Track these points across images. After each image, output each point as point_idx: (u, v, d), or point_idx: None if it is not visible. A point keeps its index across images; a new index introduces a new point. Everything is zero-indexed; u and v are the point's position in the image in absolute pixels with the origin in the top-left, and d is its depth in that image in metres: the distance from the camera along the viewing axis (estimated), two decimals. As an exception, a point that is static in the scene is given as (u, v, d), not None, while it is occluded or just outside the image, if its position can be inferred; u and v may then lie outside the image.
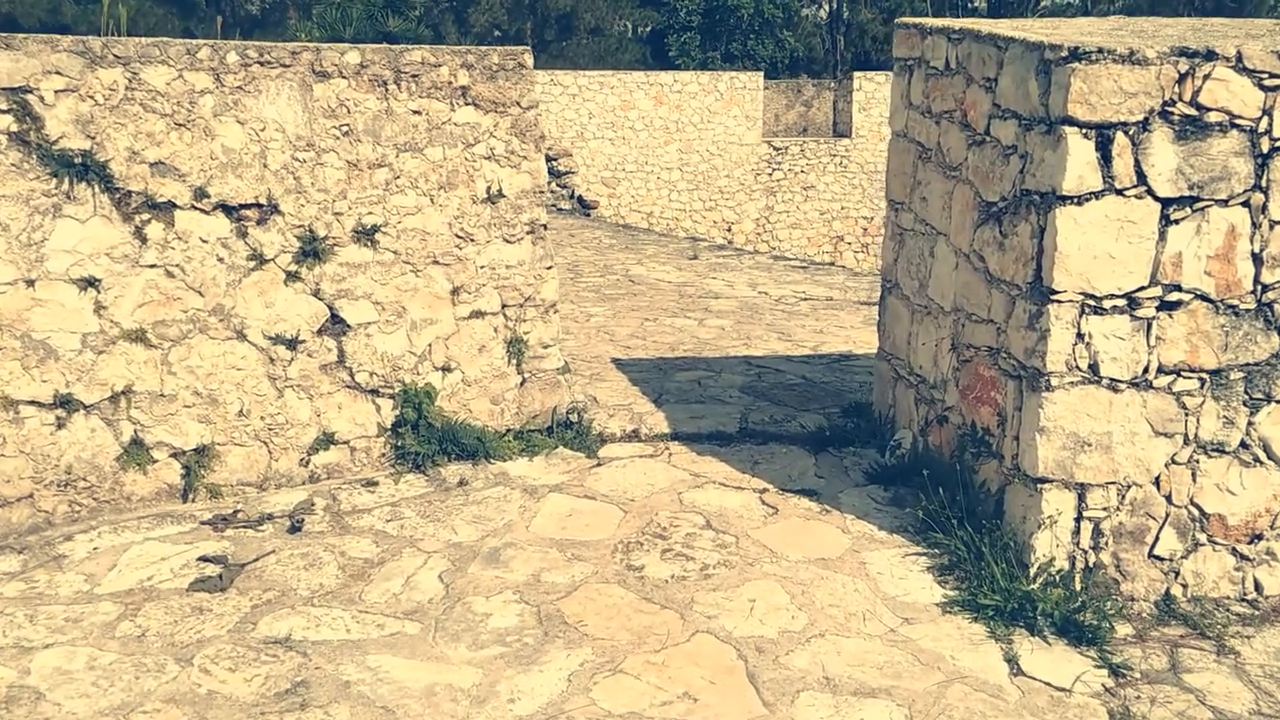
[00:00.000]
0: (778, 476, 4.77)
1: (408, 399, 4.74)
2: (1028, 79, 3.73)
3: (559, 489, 4.62)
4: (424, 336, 4.78)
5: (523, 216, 4.94)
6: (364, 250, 4.61)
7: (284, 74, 4.36)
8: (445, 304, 4.82)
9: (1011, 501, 3.91)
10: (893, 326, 5.06)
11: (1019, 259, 3.81)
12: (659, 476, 4.76)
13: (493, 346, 4.96)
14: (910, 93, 4.80)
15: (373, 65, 4.52)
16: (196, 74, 4.22)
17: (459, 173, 4.76)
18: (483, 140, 4.79)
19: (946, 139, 4.41)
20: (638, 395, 5.78)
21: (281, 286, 4.46)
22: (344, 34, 17.94)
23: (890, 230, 5.06)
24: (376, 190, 4.60)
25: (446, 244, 4.78)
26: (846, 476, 4.78)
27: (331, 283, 4.56)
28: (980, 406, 4.15)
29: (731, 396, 5.76)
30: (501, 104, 4.81)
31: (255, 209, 4.38)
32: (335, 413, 4.65)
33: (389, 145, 4.59)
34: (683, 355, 6.72)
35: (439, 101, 4.67)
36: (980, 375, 4.15)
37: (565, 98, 22.00)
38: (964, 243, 4.25)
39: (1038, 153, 3.69)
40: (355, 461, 4.72)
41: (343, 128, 4.49)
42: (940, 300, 4.49)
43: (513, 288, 4.96)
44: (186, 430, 4.37)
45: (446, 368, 4.86)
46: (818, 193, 24.22)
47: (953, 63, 4.36)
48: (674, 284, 9.62)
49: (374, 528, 4.23)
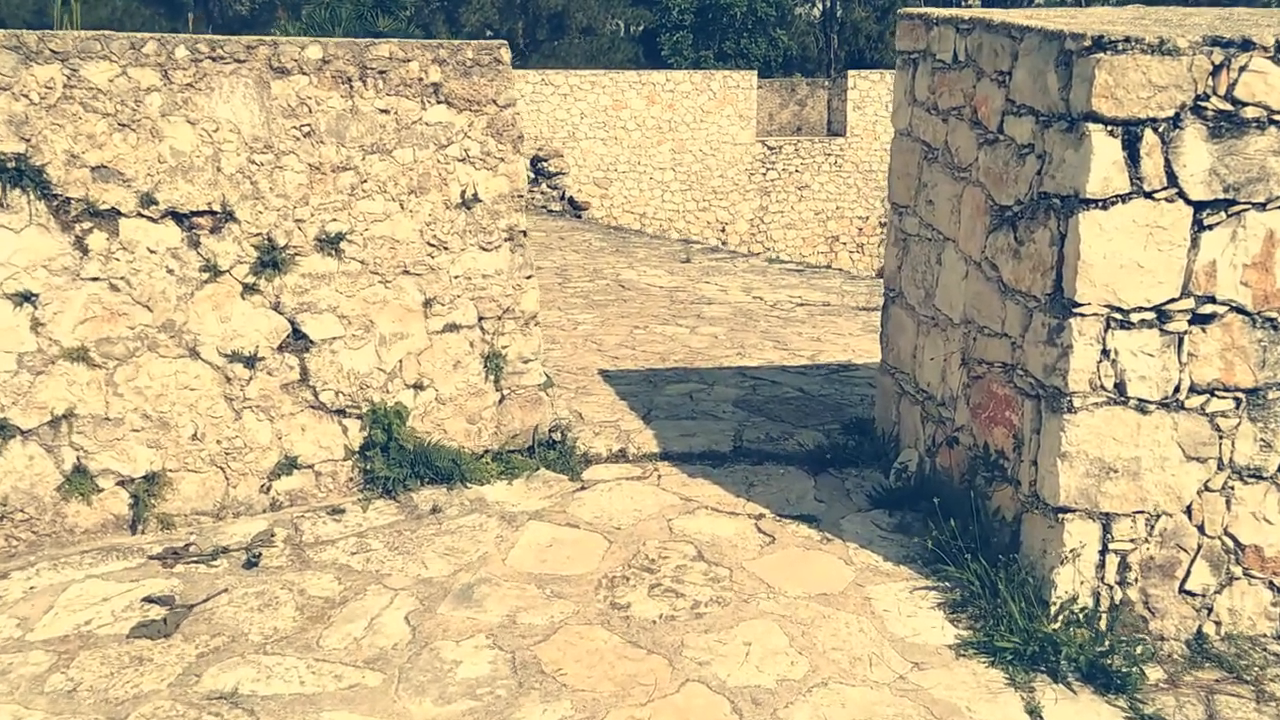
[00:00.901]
0: (775, 500, 4.45)
1: (377, 419, 4.41)
2: (1046, 72, 3.42)
3: (539, 516, 4.29)
4: (394, 352, 4.45)
5: (500, 223, 4.61)
6: (328, 260, 4.28)
7: (239, 70, 4.03)
8: (417, 317, 4.49)
9: (1029, 532, 3.59)
10: (896, 338, 4.74)
11: (1037, 268, 3.49)
12: (647, 501, 4.43)
13: (469, 362, 4.63)
14: (914, 88, 4.48)
15: (336, 60, 4.18)
16: (142, 70, 3.89)
17: (431, 176, 4.43)
18: (456, 141, 4.46)
19: (955, 138, 4.09)
20: (625, 410, 5.45)
21: (238, 300, 4.13)
22: (334, 34, 17.61)
23: (893, 235, 4.74)
24: (341, 195, 4.27)
25: (418, 253, 4.45)
26: (848, 500, 4.46)
27: (293, 295, 4.23)
28: (994, 427, 3.83)
29: (725, 411, 5.44)
30: (477, 102, 4.48)
31: (208, 216, 4.05)
32: (298, 435, 4.32)
33: (354, 147, 4.26)
34: (674, 366, 6.40)
35: (409, 100, 4.34)
36: (993, 393, 3.83)
37: (557, 97, 21.74)
38: (975, 250, 3.93)
39: (1058, 152, 3.37)
40: (320, 487, 4.38)
41: (304, 128, 4.16)
42: (948, 311, 4.17)
43: (490, 299, 4.64)
44: (135, 456, 4.04)
45: (419, 385, 4.53)
46: (812, 192, 24.01)
47: (961, 55, 4.04)
48: (665, 289, 9.29)
49: (337, 561, 3.90)
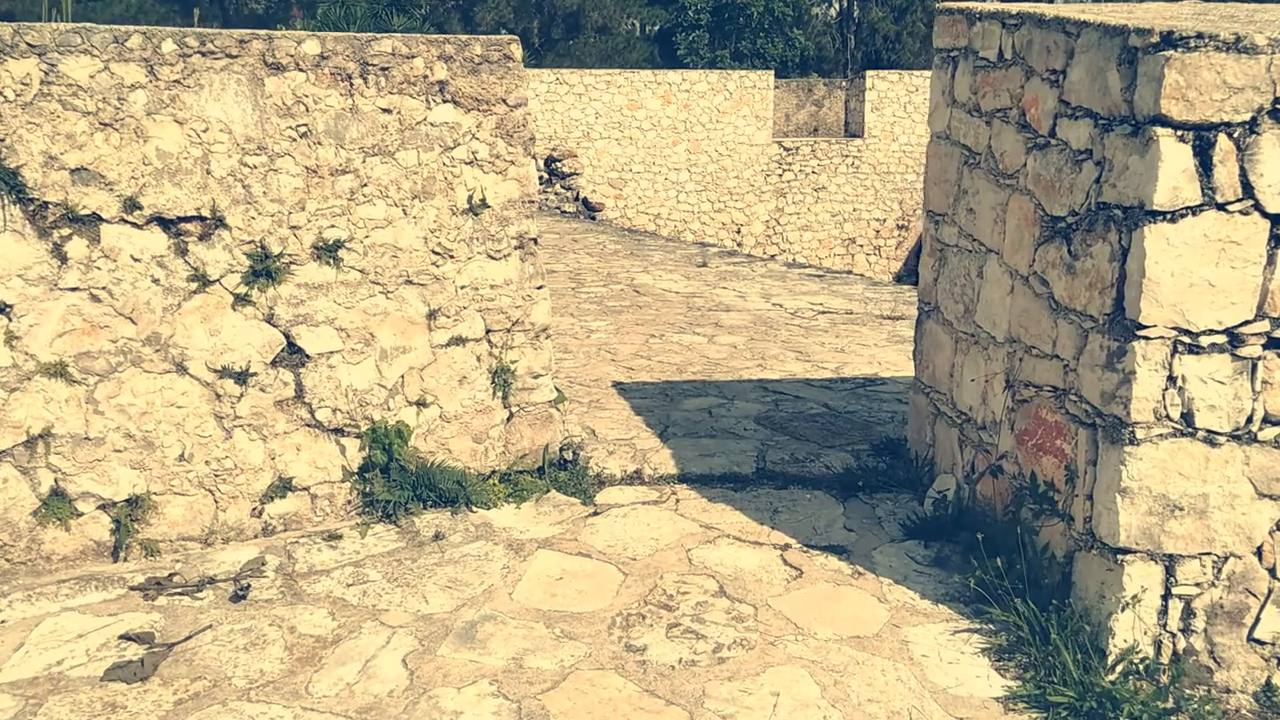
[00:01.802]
0: (801, 529, 4.15)
1: (376, 439, 4.14)
2: (1107, 70, 3.11)
3: (549, 544, 4.00)
4: (395, 367, 4.18)
5: (510, 229, 4.33)
6: (325, 269, 4.00)
7: (230, 66, 3.76)
8: (420, 330, 4.21)
9: (1084, 573, 3.28)
10: (932, 355, 4.44)
11: (1094, 285, 3.19)
12: (665, 529, 4.14)
13: (475, 377, 4.35)
14: (954, 88, 4.17)
15: (335, 56, 3.91)
16: (126, 66, 3.62)
17: (436, 180, 4.15)
18: (464, 143, 4.18)
19: (1000, 142, 3.79)
20: (641, 427, 5.16)
21: (228, 311, 3.86)
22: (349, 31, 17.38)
23: (929, 245, 4.44)
24: (340, 200, 3.99)
25: (422, 261, 4.17)
26: (880, 529, 4.16)
27: (287, 306, 3.95)
28: (1042, 456, 3.53)
29: (746, 429, 5.14)
30: (485, 101, 4.20)
31: (197, 222, 3.78)
32: (293, 455, 4.04)
33: (354, 148, 3.99)
34: (691, 378, 6.11)
35: (413, 98, 4.07)
36: (1042, 419, 3.53)
37: (571, 97, 21.50)
38: (1021, 263, 3.63)
39: (1120, 159, 3.07)
40: (316, 511, 4.11)
41: (300, 128, 3.89)
42: (991, 329, 3.87)
43: (498, 310, 4.35)
44: (117, 479, 3.77)
45: (421, 402, 4.25)
46: (829, 194, 23.71)
47: (1008, 53, 3.74)
48: (682, 295, 9.00)
49: (332, 594, 3.62)
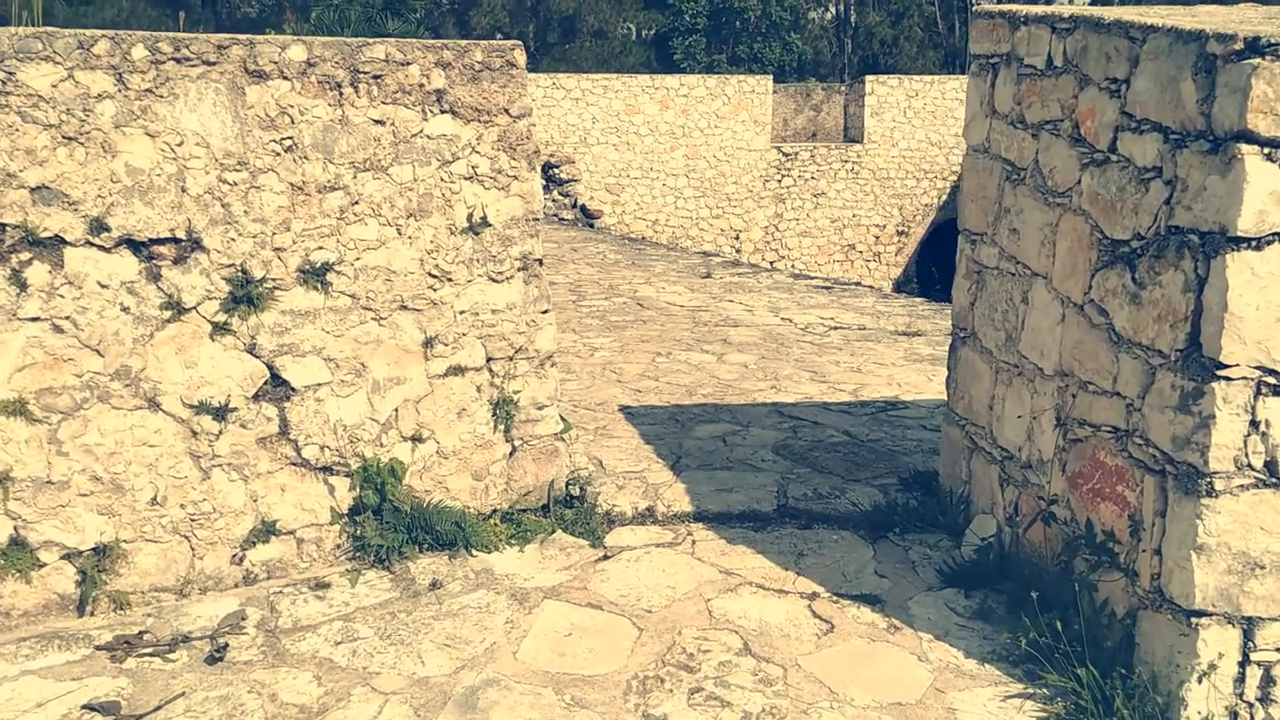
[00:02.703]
0: (829, 575, 3.83)
1: (368, 478, 3.81)
2: (1180, 80, 2.80)
3: (556, 594, 3.68)
4: (389, 400, 3.85)
5: (512, 250, 4.01)
6: (312, 294, 3.68)
7: (208, 74, 3.44)
8: (416, 359, 3.88)
9: (1151, 635, 2.96)
10: (968, 385, 4.12)
11: (1164, 317, 2.87)
12: (681, 575, 3.82)
13: (475, 409, 4.02)
14: (994, 98, 3.86)
15: (322, 63, 3.59)
16: (92, 74, 3.29)
17: (433, 197, 3.83)
18: (463, 156, 3.86)
19: (1049, 157, 3.48)
20: (651, 458, 4.84)
21: (206, 342, 3.53)
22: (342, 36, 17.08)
23: (965, 266, 4.13)
24: (329, 219, 3.67)
25: (417, 285, 3.85)
26: (915, 575, 3.84)
27: (271, 336, 3.63)
28: (1100, 502, 3.21)
29: (764, 460, 4.82)
30: (486, 111, 3.88)
31: (171, 245, 3.45)
32: (277, 497, 3.71)
33: (344, 163, 3.67)
34: (702, 402, 5.79)
35: (407, 109, 3.74)
36: (1100, 462, 3.21)
37: (568, 102, 21.21)
38: (1075, 290, 3.31)
39: (1195, 178, 2.75)
40: (303, 556, 3.78)
41: (285, 141, 3.56)
42: (1038, 360, 3.56)
43: (500, 337, 4.03)
44: (83, 525, 3.44)
45: (417, 437, 3.92)
46: (828, 200, 23.46)
47: (1058, 60, 3.43)
48: (687, 308, 8.68)
49: (318, 654, 3.29)
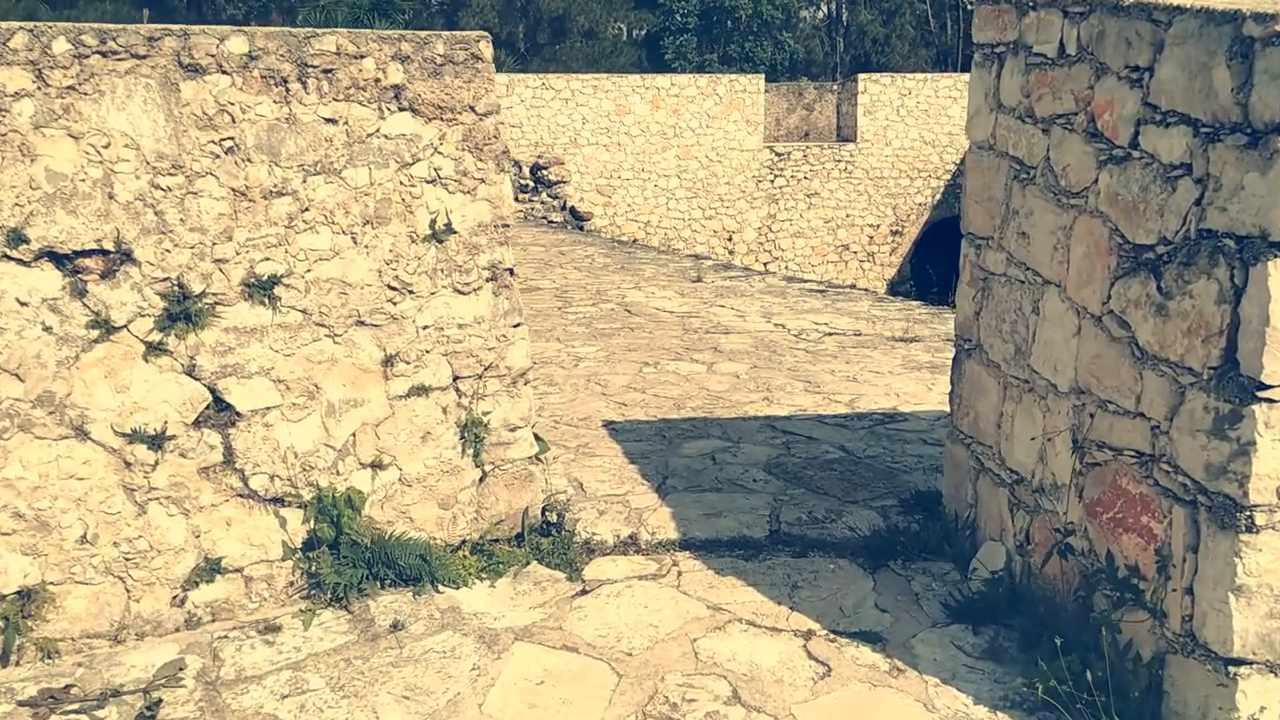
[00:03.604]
0: (826, 609, 3.53)
1: (323, 509, 3.50)
2: (1212, 66, 2.50)
3: (529, 634, 3.37)
4: (345, 424, 3.54)
5: (480, 259, 3.70)
6: (259, 310, 3.37)
7: (138, 69, 3.12)
8: (375, 379, 3.58)
9: (1182, 683, 2.67)
10: (973, 401, 3.82)
11: (1194, 331, 2.58)
12: (665, 612, 3.51)
13: (441, 433, 3.71)
14: (1000, 90, 3.56)
15: (266, 55, 3.28)
16: (8, 70, 2.98)
17: (392, 202, 3.52)
18: (424, 158, 3.56)
19: (1061, 153, 3.18)
20: (635, 479, 4.53)
21: (139, 363, 3.22)
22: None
23: (970, 273, 3.83)
24: (276, 228, 3.36)
25: (375, 298, 3.54)
26: (919, 609, 3.54)
27: (213, 356, 3.32)
28: (1122, 534, 2.92)
29: (755, 479, 4.52)
30: (450, 109, 3.57)
31: (98, 257, 3.14)
32: (222, 532, 3.40)
33: (292, 166, 3.36)
34: (691, 415, 5.49)
35: (362, 106, 3.44)
36: (1122, 489, 2.91)
37: (558, 102, 20.93)
38: (1092, 300, 3.02)
39: (1231, 176, 2.46)
40: (251, 596, 3.47)
41: (225, 142, 3.25)
42: (1051, 375, 3.26)
43: (468, 354, 3.72)
44: (5, 567, 3.12)
45: (377, 464, 3.61)
46: (821, 200, 23.23)
47: (1071, 47, 3.13)
48: (676, 314, 8.38)
49: (262, 710, 2.98)
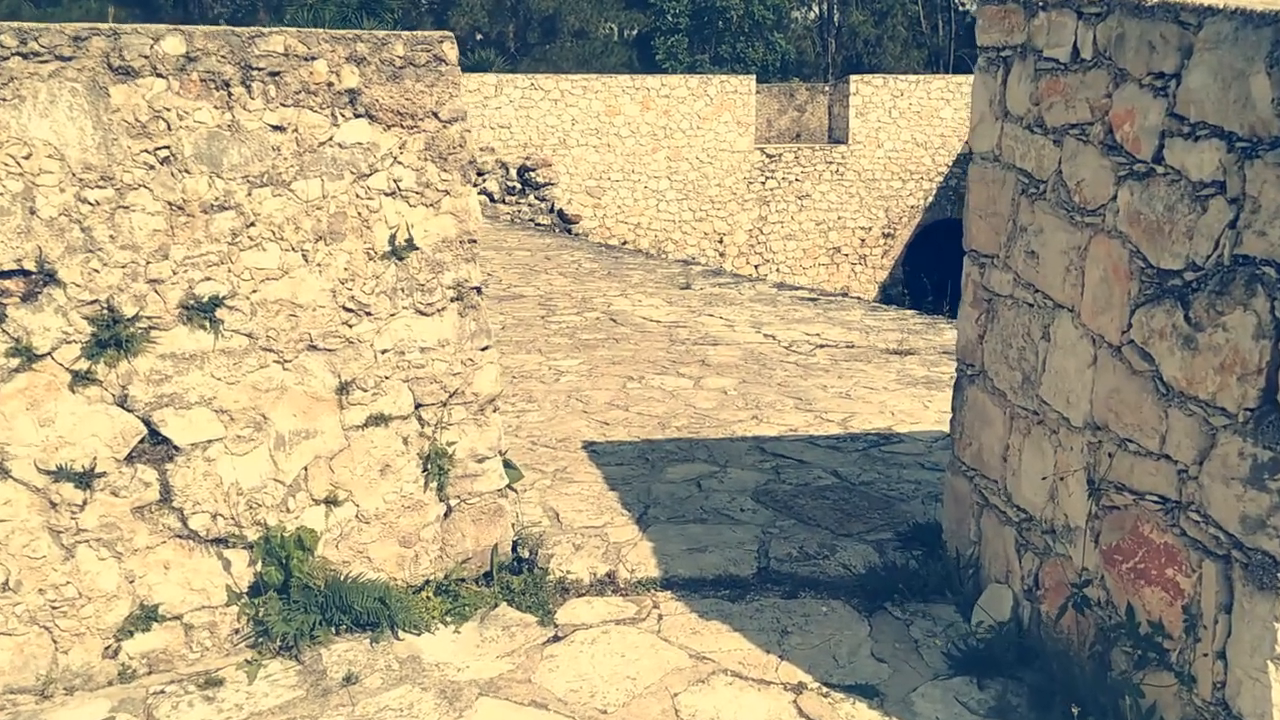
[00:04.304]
0: (818, 658, 3.25)
1: (271, 551, 3.21)
2: (1249, 74, 2.24)
3: (494, 688, 3.09)
4: (296, 457, 3.26)
5: (444, 277, 3.42)
6: (199, 334, 3.08)
7: (62, 71, 2.83)
8: (329, 408, 3.29)
9: (1214, 759, 2.40)
10: (976, 430, 3.55)
11: (1229, 368, 2.31)
12: (645, 662, 3.23)
13: (402, 465, 3.43)
14: (1007, 98, 3.30)
15: (206, 57, 2.99)
16: (-86, 71, 2.70)
17: (347, 216, 3.24)
18: (382, 168, 3.27)
19: (1075, 167, 2.91)
20: (615, 508, 4.26)
21: (65, 394, 2.93)
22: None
23: (972, 293, 3.56)
24: (217, 245, 3.07)
25: (329, 320, 3.26)
26: (919, 658, 3.27)
27: (147, 385, 3.03)
28: (1144, 586, 2.65)
29: (744, 509, 4.25)
30: (410, 115, 3.29)
31: (18, 278, 2.85)
32: (159, 576, 3.11)
33: (236, 177, 3.07)
34: (676, 436, 5.21)
35: (314, 112, 3.15)
36: (1143, 537, 2.65)
37: (547, 103, 20.67)
38: (1110, 328, 2.75)
39: (1271, 196, 2.19)
40: (192, 646, 3.18)
41: (160, 152, 2.97)
42: (1063, 408, 2.99)
43: (431, 379, 3.44)
44: (-87, 620, 2.84)
45: (332, 500, 3.33)
46: (813, 202, 23.03)
47: (1086, 51, 2.86)
48: (663, 324, 8.10)
49: (197, 779, 2.70)
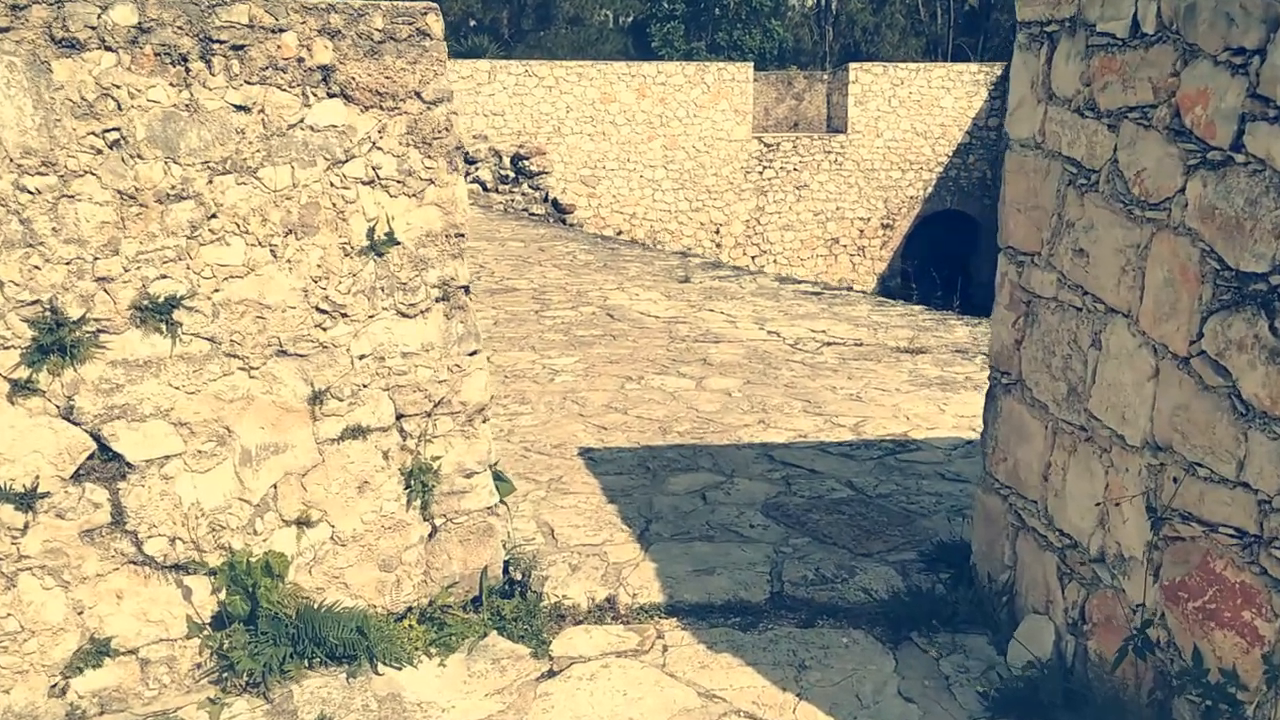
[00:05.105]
0: (840, 697, 2.95)
1: (236, 578, 2.90)
2: (1358, 47, 1.93)
3: (483, 732, 2.79)
4: (264, 474, 2.94)
5: (428, 274, 3.10)
6: (154, 338, 2.76)
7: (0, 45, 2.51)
8: (300, 419, 2.98)
9: (1301, 831, 2.11)
10: (1012, 445, 3.25)
11: (1325, 387, 2.01)
12: (648, 701, 2.93)
13: (381, 482, 3.12)
14: (1051, 77, 2.98)
15: (161, 29, 2.67)
16: None
17: (320, 207, 2.92)
18: (360, 154, 2.95)
19: (1135, 155, 2.60)
20: (615, 523, 3.95)
21: (3, 406, 2.61)
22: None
23: (1008, 294, 3.25)
24: (174, 239, 2.75)
25: (301, 323, 2.94)
26: (950, 698, 2.97)
27: (96, 395, 2.71)
28: (1214, 629, 2.36)
29: (753, 525, 3.94)
30: (390, 95, 2.97)
31: (-55, 277, 2.53)
32: (110, 607, 2.80)
33: (195, 163, 2.75)
34: (678, 442, 4.90)
35: (282, 90, 2.83)
36: (1214, 574, 2.35)
37: (541, 90, 20.32)
38: (1176, 337, 2.45)
39: (1384, 190, 1.89)
40: (149, 682, 2.87)
41: (109, 135, 2.65)
42: (1117, 424, 2.69)
43: (414, 387, 3.13)
44: None
45: (304, 521, 3.02)
46: (811, 192, 22.74)
47: (1149, 24, 2.55)
48: (662, 320, 7.78)
49: (146, 843, 2.40)
